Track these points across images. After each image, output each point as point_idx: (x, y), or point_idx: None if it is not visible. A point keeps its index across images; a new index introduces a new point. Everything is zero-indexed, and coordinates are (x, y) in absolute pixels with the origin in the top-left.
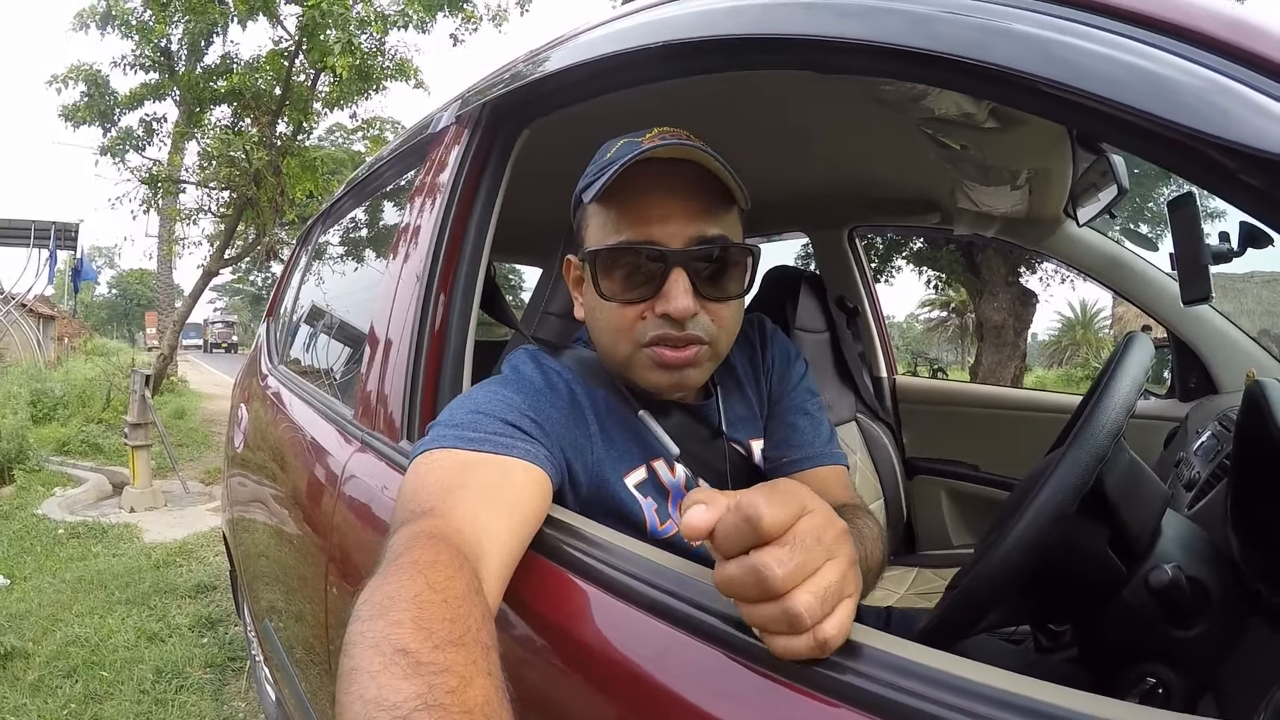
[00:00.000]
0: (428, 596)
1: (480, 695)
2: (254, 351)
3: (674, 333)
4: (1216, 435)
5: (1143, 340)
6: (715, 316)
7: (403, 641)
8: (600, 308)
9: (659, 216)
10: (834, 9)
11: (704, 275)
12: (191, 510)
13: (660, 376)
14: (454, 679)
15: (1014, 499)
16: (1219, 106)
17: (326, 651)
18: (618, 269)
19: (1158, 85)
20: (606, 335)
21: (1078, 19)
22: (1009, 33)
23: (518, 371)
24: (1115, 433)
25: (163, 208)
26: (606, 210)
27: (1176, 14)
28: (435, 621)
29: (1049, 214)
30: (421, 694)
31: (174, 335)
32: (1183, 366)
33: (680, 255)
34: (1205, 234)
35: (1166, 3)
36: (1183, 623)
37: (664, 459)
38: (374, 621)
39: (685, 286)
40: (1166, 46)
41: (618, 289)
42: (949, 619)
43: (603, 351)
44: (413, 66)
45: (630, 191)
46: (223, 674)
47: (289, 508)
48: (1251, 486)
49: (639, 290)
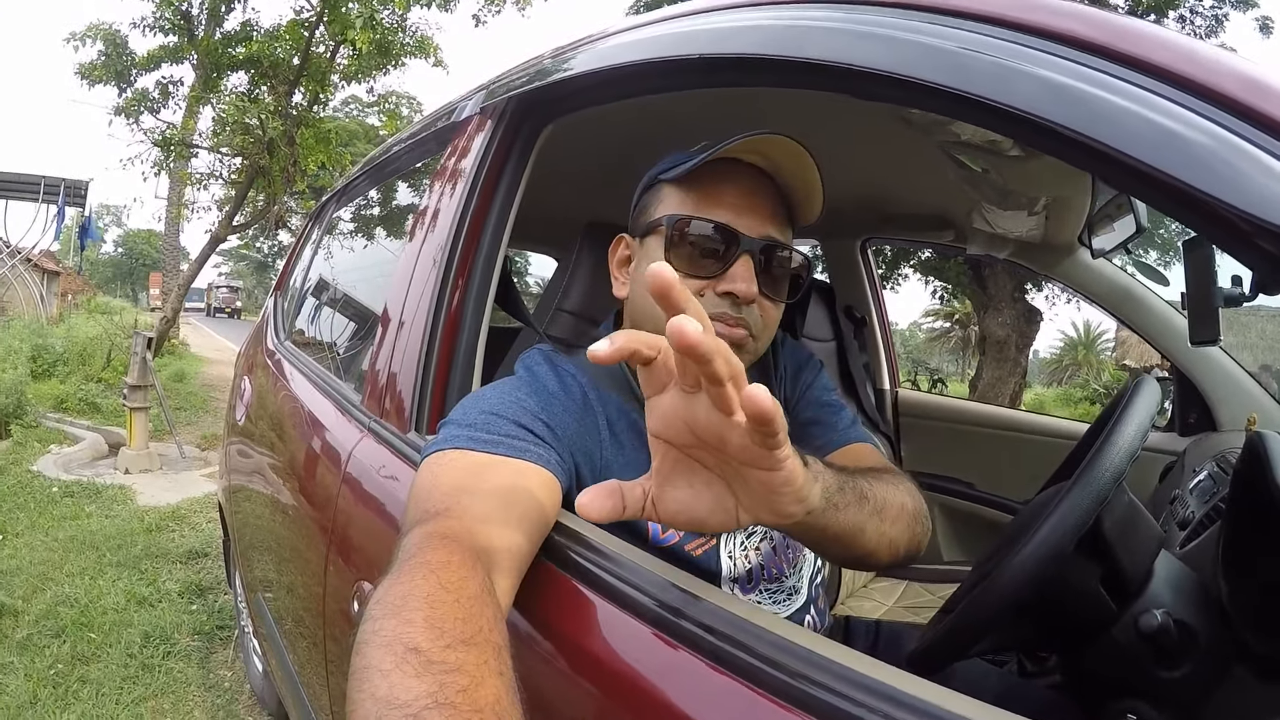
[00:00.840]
0: (440, 596)
1: (491, 695)
2: (260, 323)
3: (731, 313)
4: (1213, 476)
5: (1151, 385)
6: (764, 312)
7: (414, 640)
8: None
9: (741, 207)
10: (855, 35)
11: (766, 271)
12: (186, 475)
13: None
14: (465, 678)
15: (1012, 531)
16: (1232, 167)
17: (321, 630)
18: (691, 241)
19: (1172, 142)
20: (654, 305)
21: (1097, 66)
22: (1029, 75)
23: (531, 373)
24: (1118, 476)
25: (174, 171)
26: (687, 191)
27: (1199, 70)
28: (447, 621)
29: (1063, 241)
30: (432, 692)
31: (178, 298)
32: (1183, 401)
33: (754, 243)
34: (1218, 276)
35: (1188, 57)
36: (1168, 664)
37: None
38: (386, 620)
39: (752, 272)
40: (1184, 103)
41: (685, 260)
42: (943, 644)
43: (646, 327)
44: (433, 44)
45: (714, 180)
46: (210, 642)
47: (290, 486)
48: (1245, 534)
49: (706, 265)
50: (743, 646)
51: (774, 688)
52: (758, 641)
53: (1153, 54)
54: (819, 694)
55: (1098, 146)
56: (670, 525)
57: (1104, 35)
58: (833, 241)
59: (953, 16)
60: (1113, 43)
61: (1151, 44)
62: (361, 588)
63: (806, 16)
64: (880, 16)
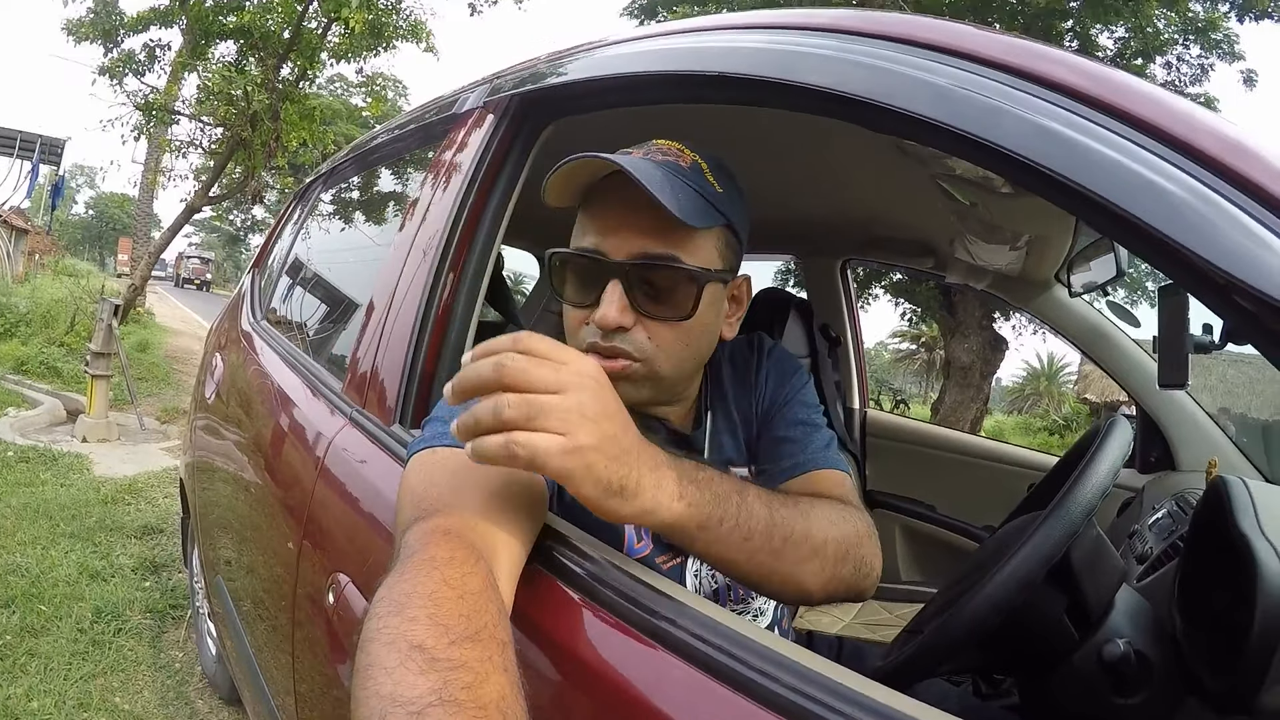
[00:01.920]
0: (443, 593)
1: (495, 691)
2: (234, 300)
3: (601, 343)
4: (1172, 514)
5: (1124, 426)
6: (653, 335)
7: (418, 638)
8: (566, 302)
9: (610, 228)
10: (849, 63)
11: (646, 292)
12: (145, 447)
13: None
14: (469, 675)
15: (983, 557)
16: (1208, 221)
17: (289, 616)
18: (566, 273)
19: (1151, 191)
20: (566, 336)
21: (1083, 113)
22: (1016, 116)
23: None
24: (1089, 511)
25: (154, 136)
26: (580, 215)
27: (1180, 126)
28: (451, 618)
29: (1041, 277)
30: (437, 689)
31: (147, 266)
32: (1145, 440)
33: (617, 268)
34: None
35: (1171, 112)
36: (1126, 692)
37: None
38: (390, 618)
39: (617, 299)
40: (1165, 156)
41: (569, 292)
42: (913, 663)
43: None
44: (426, 30)
45: (598, 201)
46: (162, 621)
47: (262, 469)
48: (1201, 573)
49: (583, 295)
50: (730, 655)
51: (764, 698)
52: (746, 651)
53: (1137, 107)
54: (811, 707)
55: (1079, 189)
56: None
57: (1092, 85)
58: (814, 260)
59: (945, 54)
60: (1100, 93)
61: (1137, 97)
62: (337, 579)
63: (805, 43)
64: (874, 48)
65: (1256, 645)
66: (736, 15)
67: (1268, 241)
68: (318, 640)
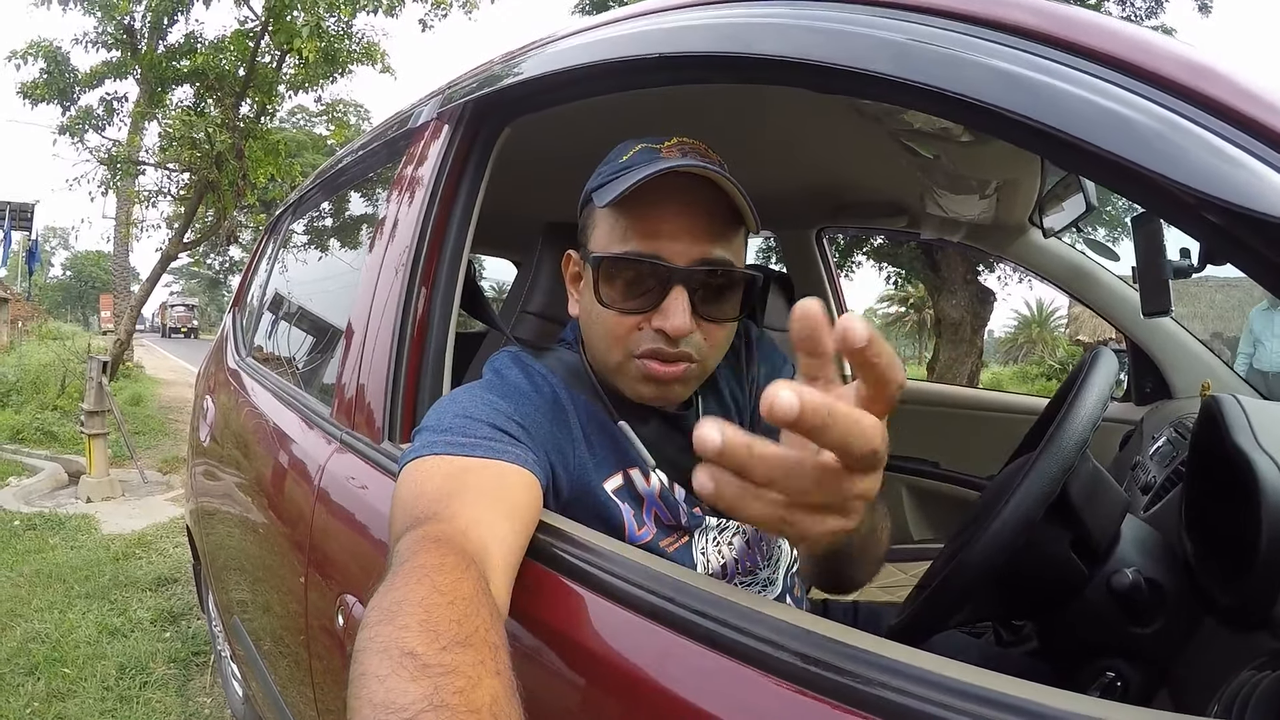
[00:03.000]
0: (434, 600)
1: (488, 695)
2: (218, 341)
3: (667, 349)
4: (1171, 441)
5: (1108, 356)
6: (709, 336)
7: (410, 644)
8: (597, 312)
9: (669, 232)
10: (803, 30)
11: (704, 295)
12: (149, 500)
13: (646, 388)
14: (461, 679)
15: (982, 504)
16: (1176, 146)
17: (305, 648)
18: (620, 277)
19: (1118, 123)
20: (601, 340)
21: (1044, 54)
22: (976, 64)
23: (501, 375)
24: (1081, 444)
25: (121, 189)
26: (618, 216)
27: (1143, 56)
28: (442, 623)
29: (1014, 222)
30: (428, 695)
31: (130, 320)
32: (1139, 372)
33: (684, 274)
34: (1167, 249)
35: (1133, 44)
36: (1141, 621)
37: (639, 468)
38: (382, 626)
39: (685, 305)
40: (1129, 86)
41: (618, 297)
42: (921, 618)
43: (593, 354)
44: (380, 51)
45: (643, 202)
46: (186, 669)
47: (262, 504)
48: (1205, 494)
49: (638, 301)
50: (738, 629)
51: (773, 667)
52: (753, 623)
53: (1098, 41)
54: (828, 674)
55: (1046, 129)
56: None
57: (1051, 24)
58: (788, 232)
59: (900, 9)
60: (1060, 31)
61: (1097, 32)
62: (344, 601)
63: (756, 14)
64: (828, 11)
65: (1266, 558)
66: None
67: (1237, 158)
68: (335, 668)
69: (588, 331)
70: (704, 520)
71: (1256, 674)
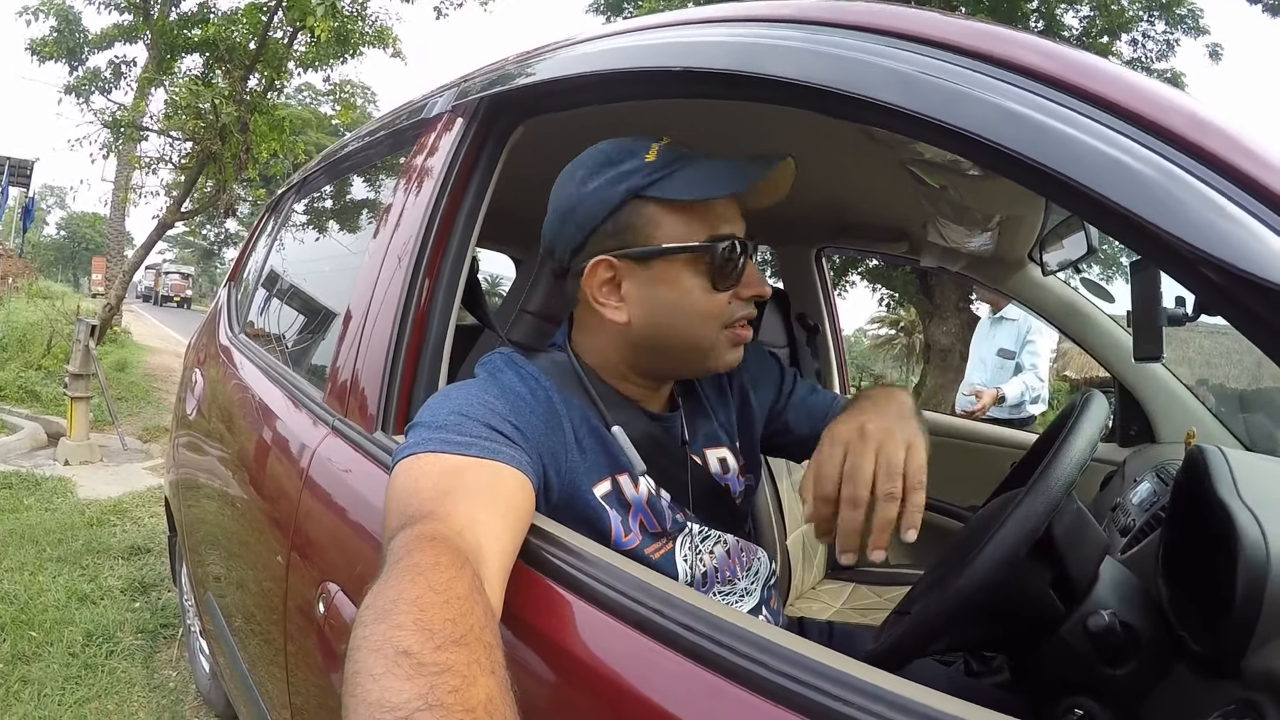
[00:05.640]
0: (429, 599)
1: (483, 694)
2: (211, 315)
3: (753, 311)
4: (1153, 486)
5: (1100, 400)
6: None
7: (405, 643)
8: (688, 299)
9: (734, 216)
10: (813, 54)
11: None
12: (128, 467)
13: (735, 354)
14: (456, 678)
15: (966, 536)
16: (1175, 198)
17: (281, 629)
18: (721, 259)
19: (1120, 171)
20: (692, 325)
21: (1050, 96)
22: (980, 100)
23: (496, 376)
24: (1068, 485)
25: (122, 153)
26: (694, 208)
27: (1147, 106)
28: (437, 622)
29: (1014, 257)
30: (423, 694)
31: (122, 285)
32: (1125, 414)
33: (750, 245)
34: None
35: (1138, 93)
36: (1113, 662)
37: (629, 474)
38: (377, 625)
39: (756, 270)
40: (1133, 135)
41: (719, 277)
42: (902, 644)
43: (677, 343)
44: (392, 35)
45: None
46: (154, 640)
47: (247, 483)
48: (1184, 542)
49: (730, 278)
50: (721, 644)
51: (754, 684)
52: (736, 639)
53: (1103, 88)
54: (802, 691)
55: (1047, 171)
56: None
57: (1058, 67)
58: (788, 249)
59: (911, 41)
60: (1066, 75)
61: (1103, 78)
62: (326, 588)
63: (770, 35)
64: (840, 38)
65: (1240, 610)
66: (701, 10)
67: (1233, 215)
68: (310, 651)
69: (666, 324)
70: (687, 525)
71: None
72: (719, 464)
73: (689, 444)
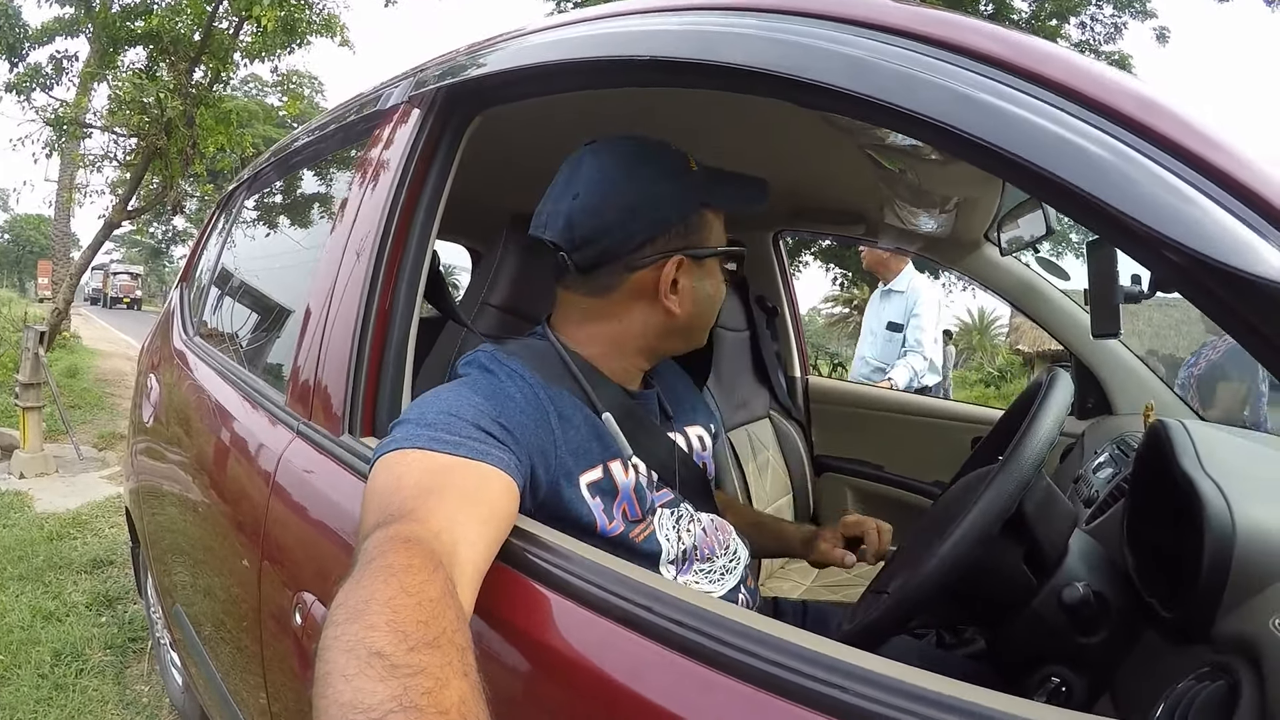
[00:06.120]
0: (402, 600)
1: (456, 696)
2: (164, 317)
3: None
4: (1114, 458)
5: (1065, 379)
6: None
7: (377, 645)
8: (720, 289)
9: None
10: (766, 40)
11: None
12: (85, 477)
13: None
14: (429, 680)
15: (937, 516)
16: (1126, 176)
17: (257, 639)
18: (738, 255)
19: (1072, 151)
20: (715, 310)
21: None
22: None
23: (483, 375)
24: (1038, 464)
25: (66, 151)
26: (719, 216)
27: (1095, 88)
28: (410, 624)
29: (971, 237)
30: (397, 696)
31: (69, 288)
32: (1082, 388)
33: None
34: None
35: (1086, 76)
36: (1086, 631)
37: (620, 460)
38: (348, 625)
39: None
40: (1084, 117)
41: (731, 271)
42: (878, 624)
43: (700, 326)
44: (340, 24)
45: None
46: (123, 655)
47: (212, 491)
48: (1148, 513)
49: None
50: (708, 635)
51: (745, 674)
52: (722, 629)
53: (1055, 71)
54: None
55: (1000, 151)
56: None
57: (1010, 52)
58: (746, 233)
59: (862, 27)
60: (1018, 59)
61: (1054, 62)
62: (302, 598)
63: (722, 22)
64: (793, 24)
65: (1207, 578)
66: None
67: (1183, 192)
68: (287, 659)
69: (694, 313)
70: (666, 506)
71: (1196, 684)
72: (698, 441)
73: (672, 420)
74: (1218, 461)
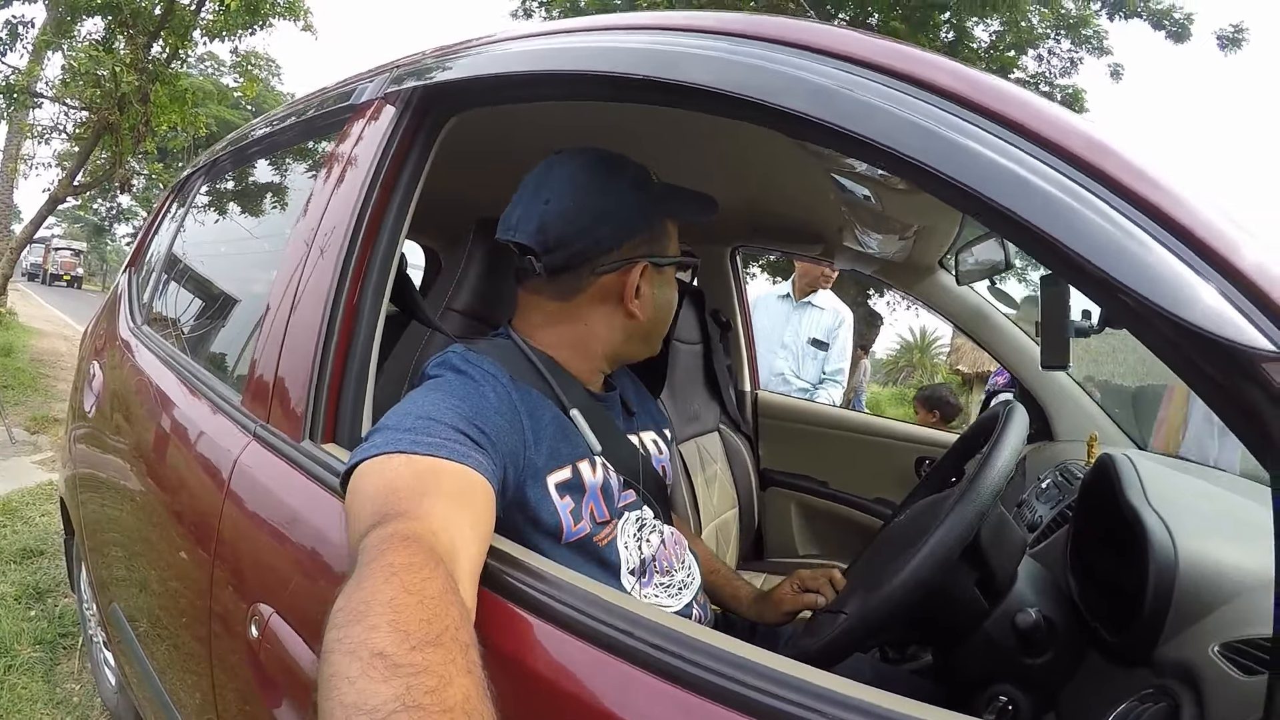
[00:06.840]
0: (403, 599)
1: (460, 693)
2: (110, 302)
3: None
4: (1057, 484)
5: (1021, 412)
6: None
7: (380, 645)
8: (674, 296)
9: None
10: (727, 62)
11: None
12: (16, 461)
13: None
14: (432, 679)
15: (894, 538)
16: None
17: (206, 648)
18: (690, 264)
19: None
20: (670, 316)
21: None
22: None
23: (456, 377)
24: (996, 494)
25: (14, 121)
26: (675, 228)
27: (1049, 129)
28: (412, 623)
29: (926, 263)
30: (400, 695)
31: (9, 263)
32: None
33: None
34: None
35: (1039, 115)
36: (1034, 653)
37: (588, 459)
38: (350, 627)
39: None
40: (1035, 154)
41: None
42: (837, 644)
43: (658, 332)
44: (303, 7)
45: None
46: (53, 652)
47: (159, 491)
48: (1091, 540)
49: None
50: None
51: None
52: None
53: (1011, 110)
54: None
55: (953, 182)
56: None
57: (968, 89)
58: (704, 248)
59: (827, 56)
60: (976, 96)
61: (1011, 101)
62: (259, 610)
63: (689, 44)
64: (758, 49)
65: (1151, 606)
66: (625, 16)
67: (1128, 230)
68: (239, 669)
69: (653, 319)
70: (627, 512)
71: (1139, 705)
72: (654, 445)
73: (631, 419)
74: (1161, 495)
